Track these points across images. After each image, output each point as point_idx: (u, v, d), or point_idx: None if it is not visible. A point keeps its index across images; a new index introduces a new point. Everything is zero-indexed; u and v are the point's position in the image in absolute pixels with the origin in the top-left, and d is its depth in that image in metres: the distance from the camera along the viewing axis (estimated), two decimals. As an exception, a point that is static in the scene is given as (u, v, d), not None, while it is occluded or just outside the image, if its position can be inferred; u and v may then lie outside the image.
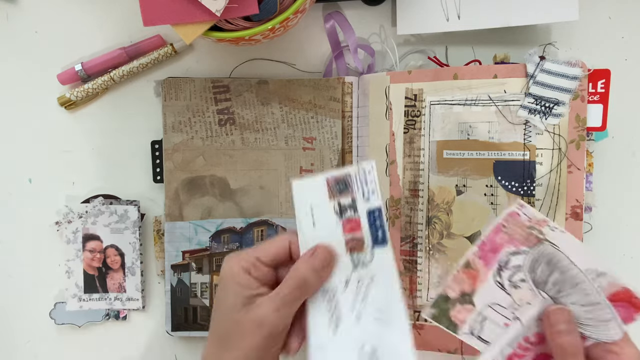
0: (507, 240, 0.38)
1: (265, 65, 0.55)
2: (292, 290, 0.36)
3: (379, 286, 0.37)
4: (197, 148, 0.53)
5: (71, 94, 0.54)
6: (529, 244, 0.38)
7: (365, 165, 0.37)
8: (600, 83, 0.46)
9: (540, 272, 0.38)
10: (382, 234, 0.37)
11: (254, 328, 0.35)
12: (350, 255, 0.38)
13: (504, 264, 0.39)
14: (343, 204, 0.38)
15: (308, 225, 0.38)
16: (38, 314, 0.55)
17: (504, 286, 0.39)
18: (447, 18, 0.50)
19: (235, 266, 0.37)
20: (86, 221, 0.54)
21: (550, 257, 0.37)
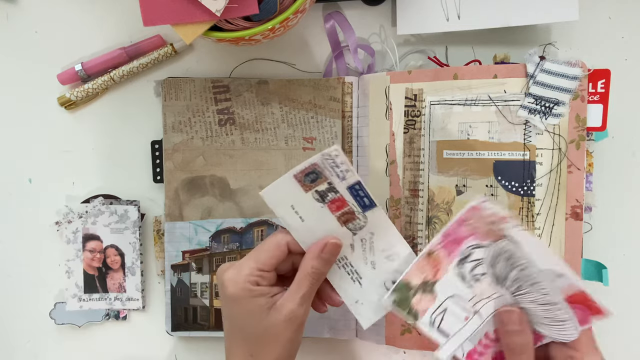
0: (470, 233, 0.38)
1: (265, 65, 0.55)
2: (311, 285, 0.39)
3: (380, 235, 0.41)
4: (197, 148, 0.53)
5: (71, 94, 0.54)
6: (490, 238, 0.38)
7: (330, 151, 0.38)
8: (600, 83, 0.46)
9: (500, 268, 0.38)
10: (368, 200, 0.40)
11: (286, 325, 0.38)
12: (346, 227, 0.41)
13: (465, 256, 0.39)
14: (321, 190, 0.40)
15: (296, 222, 0.41)
16: (38, 314, 0.55)
17: (465, 278, 0.39)
18: (447, 18, 0.50)
19: (244, 284, 0.38)
20: (86, 221, 0.54)
21: (510, 254, 0.37)
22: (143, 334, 0.56)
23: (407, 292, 0.39)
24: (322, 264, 0.40)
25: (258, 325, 0.38)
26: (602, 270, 0.47)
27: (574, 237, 0.46)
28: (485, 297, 0.39)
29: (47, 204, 0.55)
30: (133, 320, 0.56)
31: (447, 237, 0.39)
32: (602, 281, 0.47)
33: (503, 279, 0.38)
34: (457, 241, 0.39)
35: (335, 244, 0.40)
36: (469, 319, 0.39)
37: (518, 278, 0.37)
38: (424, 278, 0.39)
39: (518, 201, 0.47)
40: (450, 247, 0.39)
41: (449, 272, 0.39)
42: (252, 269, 0.39)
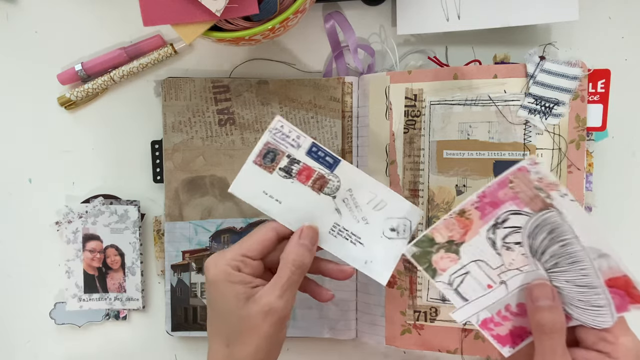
0: (511, 197, 0.36)
1: (265, 65, 0.55)
2: (291, 274, 0.37)
3: (358, 188, 0.41)
4: (197, 148, 0.53)
5: (71, 94, 0.54)
6: (533, 206, 0.36)
7: (274, 124, 0.39)
8: (600, 83, 0.46)
9: (540, 240, 0.35)
10: (331, 158, 0.40)
11: (263, 318, 0.36)
12: (323, 193, 0.41)
13: (501, 222, 0.36)
14: (283, 166, 0.40)
15: (275, 207, 0.41)
16: (38, 314, 0.55)
17: (496, 245, 0.37)
18: (447, 18, 0.50)
19: (224, 267, 0.37)
20: (86, 221, 0.54)
21: (554, 227, 0.35)
22: (143, 334, 0.56)
23: (429, 246, 0.38)
24: (301, 251, 0.38)
25: (235, 314, 0.36)
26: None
27: (574, 237, 0.46)
28: (514, 268, 0.36)
29: (47, 204, 0.55)
30: (133, 320, 0.56)
31: (484, 198, 0.36)
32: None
33: (541, 252, 0.35)
34: (495, 204, 0.36)
35: (310, 227, 0.40)
36: (493, 287, 0.37)
37: (557, 254, 0.35)
38: (451, 237, 0.37)
39: (518, 201, 0.47)
40: (485, 210, 0.36)
41: (480, 235, 0.37)
42: (236, 254, 0.38)
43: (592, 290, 0.35)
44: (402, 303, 0.50)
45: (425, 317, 0.49)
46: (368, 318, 0.52)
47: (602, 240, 0.35)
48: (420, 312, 0.49)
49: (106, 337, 0.56)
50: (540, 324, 0.34)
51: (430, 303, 0.49)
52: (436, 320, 0.49)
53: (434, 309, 0.49)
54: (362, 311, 0.52)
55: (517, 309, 0.37)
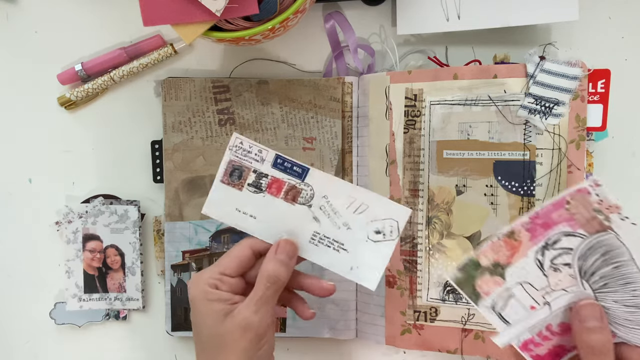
0: (566, 219, 0.35)
1: (265, 65, 0.55)
2: (266, 289, 0.37)
3: (333, 194, 0.40)
4: (197, 148, 0.53)
5: (71, 94, 0.54)
6: (589, 228, 0.34)
7: (232, 142, 0.39)
8: (600, 83, 0.46)
9: (591, 262, 0.34)
10: (298, 168, 0.40)
11: (240, 334, 0.36)
12: (298, 204, 0.40)
13: (551, 243, 0.35)
14: (252, 182, 0.40)
15: (251, 223, 0.41)
16: (38, 314, 0.55)
17: (544, 266, 0.35)
18: (447, 18, 0.50)
19: (202, 286, 0.38)
20: (86, 221, 0.54)
21: (609, 249, 0.34)
22: (143, 334, 0.56)
23: (474, 271, 0.36)
24: (276, 265, 0.38)
25: (214, 331, 0.37)
26: (602, 270, 0.47)
27: (574, 237, 0.46)
28: (559, 289, 0.35)
29: (47, 204, 0.55)
30: (133, 320, 0.56)
31: (536, 219, 0.35)
32: (602, 281, 0.47)
33: (590, 273, 0.35)
34: (547, 225, 0.35)
35: (287, 241, 0.39)
36: (537, 309, 0.36)
37: (609, 275, 0.34)
38: (496, 259, 0.36)
39: (518, 201, 0.47)
40: (536, 231, 0.35)
41: (527, 257, 0.35)
42: (213, 273, 0.38)
43: None
44: (402, 303, 0.50)
45: (425, 317, 0.49)
46: (368, 318, 0.52)
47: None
48: (420, 312, 0.49)
49: (106, 337, 0.56)
50: (589, 346, 0.34)
51: (430, 303, 0.49)
52: (436, 320, 0.49)
53: (434, 309, 0.49)
54: (362, 311, 0.52)
55: (559, 328, 0.36)
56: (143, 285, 0.55)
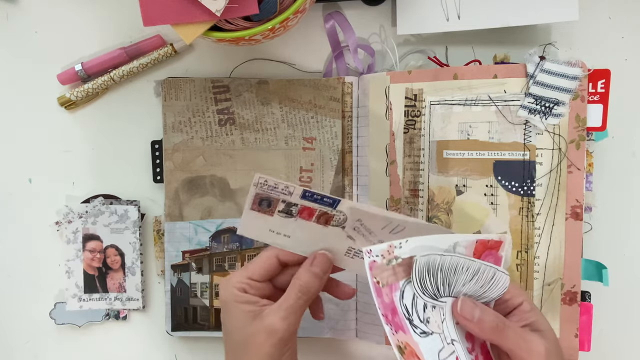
0: (390, 291, 0.36)
1: (265, 65, 0.55)
2: (297, 299, 0.38)
3: (367, 220, 0.40)
4: (197, 148, 0.53)
5: (71, 94, 0.54)
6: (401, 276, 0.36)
7: (256, 180, 0.38)
8: (600, 83, 0.46)
9: (429, 284, 0.36)
10: (328, 199, 0.39)
11: (265, 337, 0.37)
12: (331, 225, 0.40)
13: (408, 313, 0.36)
14: (282, 209, 0.40)
15: (285, 241, 0.41)
16: (38, 314, 0.55)
17: (426, 331, 0.36)
18: (447, 18, 0.50)
19: (231, 289, 0.39)
20: (86, 221, 0.54)
21: (426, 265, 0.36)
22: (143, 334, 0.56)
23: None
24: (310, 277, 0.39)
25: (241, 333, 0.38)
26: (602, 270, 0.47)
27: (574, 237, 0.46)
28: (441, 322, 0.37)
29: (47, 204, 0.55)
30: (133, 320, 0.56)
31: (388, 318, 0.35)
32: (602, 281, 0.47)
33: (436, 291, 0.37)
34: (394, 311, 0.36)
35: (323, 255, 0.40)
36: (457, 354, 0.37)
37: (444, 279, 0.36)
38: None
39: (518, 201, 0.47)
40: (398, 323, 0.36)
41: (420, 344, 0.36)
42: (242, 277, 0.40)
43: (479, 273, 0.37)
44: (402, 303, 0.50)
45: (425, 317, 0.49)
46: (368, 318, 0.52)
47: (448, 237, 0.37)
48: None
49: (106, 337, 0.56)
50: (490, 330, 0.36)
51: None
52: (436, 320, 0.49)
53: (434, 309, 0.49)
54: (362, 311, 0.52)
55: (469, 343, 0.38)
56: (143, 285, 0.55)
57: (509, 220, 0.47)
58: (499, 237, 0.38)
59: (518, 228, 0.47)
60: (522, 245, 0.47)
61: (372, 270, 0.36)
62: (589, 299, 0.49)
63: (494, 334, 0.36)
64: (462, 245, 0.37)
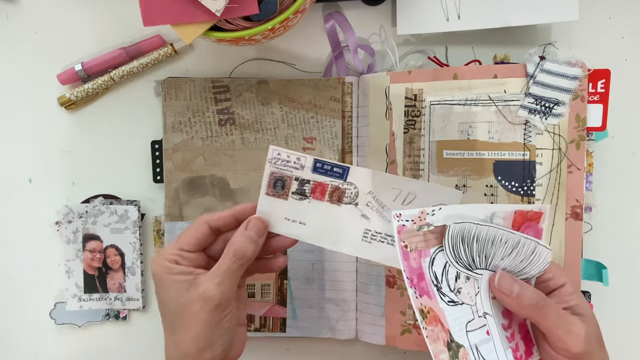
0: (419, 256, 0.35)
1: (265, 65, 0.55)
2: (231, 263, 0.38)
3: (378, 189, 0.39)
4: (197, 148, 0.53)
5: (71, 94, 0.54)
6: (432, 243, 0.36)
7: (270, 154, 0.39)
8: (600, 83, 0.46)
9: (463, 253, 0.35)
10: (338, 168, 0.39)
11: (200, 305, 0.37)
12: (343, 204, 0.40)
13: (436, 281, 0.35)
14: (296, 190, 0.40)
15: (301, 230, 0.41)
16: (38, 314, 0.55)
17: (455, 300, 0.35)
18: (447, 18, 0.50)
19: (163, 262, 0.38)
20: (86, 221, 0.54)
21: (461, 234, 0.35)
22: (143, 334, 0.56)
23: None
24: (245, 240, 0.38)
25: (176, 303, 0.38)
26: (602, 270, 0.47)
27: (574, 237, 0.46)
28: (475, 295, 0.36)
29: (47, 204, 0.55)
30: (133, 320, 0.56)
31: (413, 282, 0.35)
32: (602, 281, 0.47)
33: (471, 261, 0.36)
34: (420, 276, 0.35)
35: (258, 218, 0.40)
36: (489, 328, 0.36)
37: (481, 249, 0.35)
38: (444, 342, 0.34)
39: (518, 201, 0.47)
40: (424, 288, 0.35)
41: (445, 311, 0.35)
42: (173, 249, 0.39)
43: (519, 247, 0.36)
44: (402, 303, 0.50)
45: (425, 317, 0.49)
46: (368, 318, 0.52)
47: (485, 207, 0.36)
48: None
49: (106, 337, 0.56)
50: (530, 307, 0.35)
51: None
52: (436, 320, 0.49)
53: (434, 309, 0.49)
54: (362, 311, 0.52)
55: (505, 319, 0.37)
56: (143, 285, 0.55)
57: (509, 220, 0.47)
58: (539, 207, 0.37)
59: (518, 228, 0.47)
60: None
61: (401, 234, 0.35)
62: (589, 299, 0.49)
63: (534, 311, 0.35)
64: (500, 217, 0.36)
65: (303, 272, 0.53)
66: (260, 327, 0.53)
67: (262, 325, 0.53)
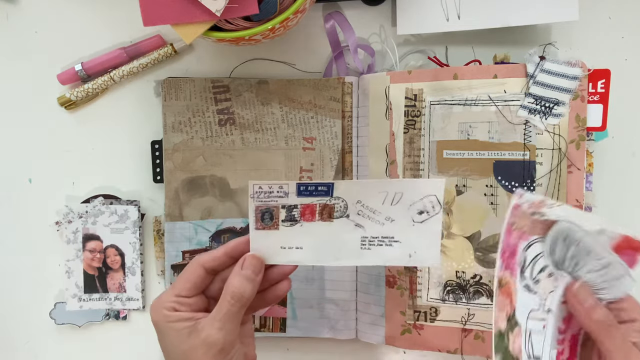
0: (519, 237, 0.37)
1: (265, 65, 0.55)
2: (230, 306, 0.37)
3: (366, 197, 0.39)
4: (197, 148, 0.53)
5: (71, 94, 0.54)
6: (537, 231, 0.36)
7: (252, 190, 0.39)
8: (600, 83, 0.46)
9: (559, 252, 0.36)
10: (322, 187, 0.39)
11: (204, 350, 0.36)
12: (335, 219, 0.40)
13: (523, 264, 0.37)
14: (285, 217, 0.40)
15: (298, 254, 0.41)
16: (38, 314, 0.55)
17: (530, 287, 0.37)
18: (447, 18, 0.50)
19: (161, 310, 0.38)
20: (86, 221, 0.54)
21: (566, 233, 0.36)
22: (143, 334, 0.56)
23: (503, 342, 0.36)
24: (241, 281, 0.38)
25: (179, 350, 0.37)
26: (602, 270, 0.47)
27: (574, 237, 0.46)
28: (549, 292, 0.36)
29: (47, 204, 0.55)
30: (133, 320, 0.56)
31: (505, 255, 0.36)
32: (602, 281, 0.47)
33: (562, 261, 0.36)
34: (513, 253, 0.37)
35: (253, 256, 0.39)
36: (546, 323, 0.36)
37: (575, 254, 0.36)
38: (507, 314, 0.36)
39: (518, 201, 0.47)
40: (510, 264, 0.37)
41: (520, 291, 0.36)
42: (170, 296, 0.38)
43: (609, 268, 0.36)
44: (402, 303, 0.50)
45: (425, 317, 0.49)
46: (368, 318, 0.52)
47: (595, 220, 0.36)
48: (420, 312, 0.49)
49: (106, 337, 0.56)
50: (598, 321, 0.35)
51: (430, 303, 0.49)
52: (436, 320, 0.49)
53: (434, 309, 0.49)
54: (362, 311, 0.52)
55: (563, 325, 0.37)
56: (143, 285, 0.55)
57: (509, 220, 0.47)
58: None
59: (518, 228, 0.47)
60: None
61: (514, 211, 0.36)
62: (589, 299, 0.49)
63: (601, 327, 0.35)
64: (608, 235, 0.36)
65: (303, 272, 0.53)
66: (260, 327, 0.53)
67: (262, 325, 0.53)
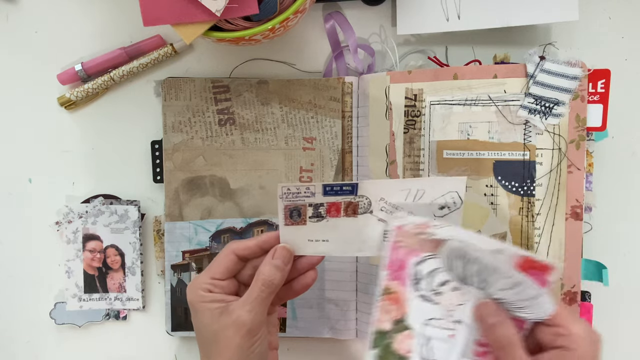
0: (408, 253, 0.38)
1: (265, 65, 0.55)
2: (260, 292, 0.40)
3: (388, 194, 0.41)
4: (197, 148, 0.53)
5: (71, 94, 0.54)
6: (427, 249, 0.38)
7: (279, 192, 0.40)
8: (600, 83, 0.46)
9: (457, 269, 0.37)
10: (347, 187, 0.40)
11: (233, 330, 0.39)
12: (359, 215, 0.41)
13: (417, 277, 0.38)
14: (312, 214, 0.41)
15: (326, 247, 0.42)
16: (38, 314, 0.55)
17: (428, 297, 0.38)
18: (447, 18, 0.50)
19: (197, 291, 0.41)
20: (86, 221, 0.54)
21: (462, 251, 0.36)
22: (143, 334, 0.56)
23: (384, 340, 0.38)
24: (272, 271, 0.40)
25: (210, 329, 0.40)
26: (602, 270, 0.47)
27: (574, 237, 0.46)
28: (456, 305, 0.37)
29: (47, 204, 0.55)
30: (133, 320, 0.56)
31: (392, 267, 0.38)
32: (602, 281, 0.47)
33: (465, 277, 0.37)
34: (401, 266, 0.38)
35: (283, 247, 0.42)
36: (455, 333, 0.37)
37: (479, 271, 0.36)
38: (394, 317, 0.38)
39: (518, 201, 0.47)
40: (399, 275, 0.38)
41: (412, 300, 0.38)
42: (206, 278, 0.41)
43: (521, 286, 0.35)
44: (402, 303, 0.50)
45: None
46: (368, 318, 0.52)
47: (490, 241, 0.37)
48: None
49: (106, 337, 0.56)
50: (496, 341, 0.35)
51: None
52: (436, 320, 0.49)
53: (433, 309, 0.49)
54: (362, 311, 0.52)
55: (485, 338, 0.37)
56: (143, 285, 0.55)
57: (508, 220, 0.47)
58: (549, 262, 0.36)
59: (518, 228, 0.47)
60: (522, 245, 0.47)
61: (398, 231, 0.38)
62: (589, 299, 0.49)
63: (497, 347, 0.35)
64: (507, 254, 0.36)
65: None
66: (260, 327, 0.53)
67: (262, 325, 0.53)
